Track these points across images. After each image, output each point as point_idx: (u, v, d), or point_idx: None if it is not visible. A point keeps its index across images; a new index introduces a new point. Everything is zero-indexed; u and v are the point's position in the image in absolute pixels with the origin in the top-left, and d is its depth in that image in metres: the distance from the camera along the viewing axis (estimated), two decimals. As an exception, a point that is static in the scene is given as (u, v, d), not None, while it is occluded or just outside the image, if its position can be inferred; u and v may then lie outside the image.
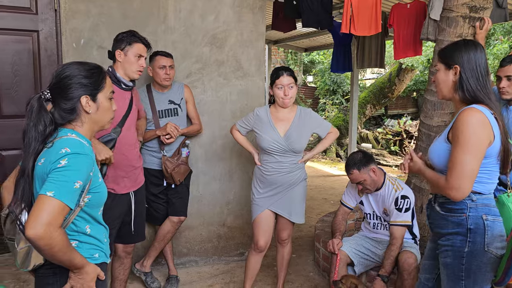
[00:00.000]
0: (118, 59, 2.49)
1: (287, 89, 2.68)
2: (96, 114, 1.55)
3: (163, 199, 3.20)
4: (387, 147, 10.05)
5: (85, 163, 1.42)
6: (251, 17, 3.61)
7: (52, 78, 1.51)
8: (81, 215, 1.50)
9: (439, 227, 1.85)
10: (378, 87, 9.90)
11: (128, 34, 2.50)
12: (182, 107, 3.19)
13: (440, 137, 1.83)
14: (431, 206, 1.92)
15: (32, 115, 1.44)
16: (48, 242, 1.29)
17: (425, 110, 3.35)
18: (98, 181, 1.52)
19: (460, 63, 1.77)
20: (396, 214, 2.73)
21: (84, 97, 1.50)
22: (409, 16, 4.93)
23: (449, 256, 1.79)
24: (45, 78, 3.13)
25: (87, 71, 1.53)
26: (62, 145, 1.41)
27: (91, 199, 1.49)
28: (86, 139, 1.53)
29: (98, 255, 1.58)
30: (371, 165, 2.80)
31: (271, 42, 10.02)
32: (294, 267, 3.64)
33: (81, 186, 1.40)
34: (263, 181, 2.82)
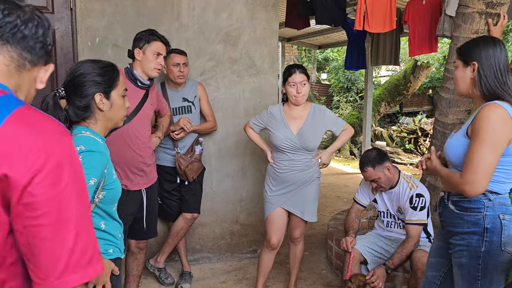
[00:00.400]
0: (137, 58, 2.52)
1: (299, 86, 2.68)
2: (110, 111, 1.57)
3: (176, 196, 3.23)
4: (401, 145, 9.96)
5: (99, 161, 1.45)
6: (264, 15, 3.61)
7: (67, 76, 1.54)
8: (96, 211, 1.53)
9: (453, 225, 1.81)
10: (392, 85, 9.80)
11: (147, 33, 2.54)
12: (195, 105, 3.21)
13: (459, 132, 1.81)
14: (443, 204, 1.88)
15: (47, 112, 1.44)
16: None
17: (440, 108, 3.32)
18: (113, 178, 1.55)
19: (478, 59, 1.75)
20: (411, 213, 2.71)
21: (98, 94, 1.53)
22: (425, 13, 4.86)
23: (465, 256, 1.76)
24: (61, 76, 3.17)
25: (101, 69, 1.55)
26: (76, 143, 1.43)
27: (105, 195, 1.52)
28: (101, 137, 1.55)
29: (113, 251, 1.61)
30: (386, 162, 2.77)
31: (284, 39, 10.00)
32: (306, 265, 3.64)
33: (96, 183, 1.43)
34: (276, 179, 2.83)
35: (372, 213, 3.86)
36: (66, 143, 0.85)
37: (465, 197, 1.74)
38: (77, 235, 0.81)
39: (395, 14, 4.42)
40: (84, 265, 0.82)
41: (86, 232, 0.83)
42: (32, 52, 0.94)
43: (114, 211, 1.62)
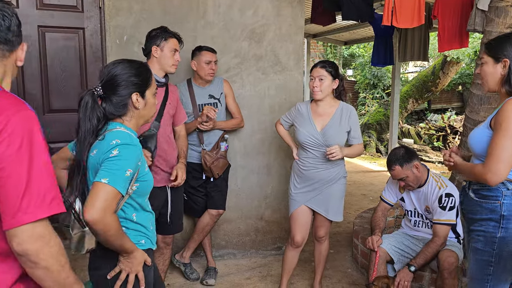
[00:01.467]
0: (155, 55, 2.55)
1: (316, 80, 2.67)
2: (144, 109, 1.65)
3: (202, 192, 3.25)
4: (430, 143, 9.75)
5: (134, 153, 1.51)
6: (290, 11, 3.59)
7: (103, 75, 1.60)
8: (129, 202, 1.59)
9: (472, 213, 1.89)
10: (421, 81, 9.60)
11: (162, 30, 2.56)
12: (221, 102, 3.23)
13: (483, 124, 1.86)
14: (465, 192, 1.95)
15: (87, 110, 1.52)
16: (103, 226, 1.39)
17: (471, 105, 3.22)
18: (145, 171, 1.61)
19: (509, 56, 1.76)
20: (439, 212, 2.65)
21: (135, 94, 1.60)
22: (455, 7, 4.73)
23: (481, 241, 1.83)
24: (90, 74, 3.25)
25: (136, 69, 1.62)
26: (112, 137, 1.50)
27: (138, 187, 1.57)
28: (133, 132, 1.62)
29: (144, 242, 1.65)
30: (414, 161, 2.71)
31: (310, 35, 9.92)
32: (331, 263, 3.62)
33: (131, 174, 1.48)
34: (300, 176, 2.82)
35: (398, 212, 3.80)
36: (22, 116, 1.05)
37: (484, 185, 1.81)
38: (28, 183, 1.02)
39: (424, 8, 4.30)
40: (38, 205, 1.03)
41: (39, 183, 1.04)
42: (8, 43, 1.15)
43: (146, 202, 1.68)
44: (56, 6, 3.08)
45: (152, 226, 1.72)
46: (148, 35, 2.60)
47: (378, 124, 9.61)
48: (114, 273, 1.55)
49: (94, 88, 1.57)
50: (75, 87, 3.21)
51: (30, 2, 3.00)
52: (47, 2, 3.05)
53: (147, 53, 2.59)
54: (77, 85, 3.22)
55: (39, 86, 3.10)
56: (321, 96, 2.70)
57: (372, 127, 9.66)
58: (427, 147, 9.21)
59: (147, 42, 2.58)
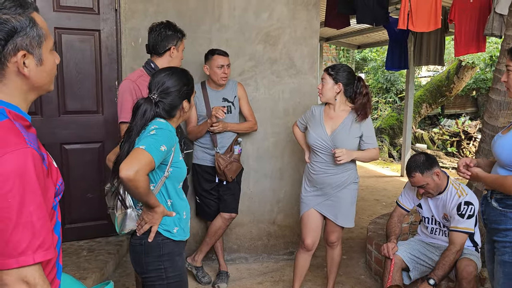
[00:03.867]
0: (171, 55, 2.51)
1: (320, 84, 2.69)
2: (189, 112, 1.89)
3: (215, 196, 3.24)
4: (443, 148, 9.63)
5: (168, 135, 1.72)
6: (305, 14, 3.57)
7: (158, 84, 1.80)
8: (163, 190, 1.77)
9: (496, 223, 1.83)
10: (435, 85, 9.49)
11: (172, 28, 2.50)
12: (235, 105, 3.21)
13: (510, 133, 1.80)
14: (486, 201, 1.90)
15: (144, 115, 1.75)
16: (135, 184, 1.58)
17: (490, 110, 3.16)
18: (179, 159, 1.81)
19: None
20: (457, 220, 2.59)
21: (185, 101, 1.84)
22: (472, 11, 4.67)
23: (508, 253, 1.77)
24: (105, 76, 3.27)
25: (187, 79, 1.85)
26: (152, 124, 1.75)
27: (172, 172, 1.77)
28: (172, 126, 1.82)
29: (177, 231, 1.81)
30: (435, 168, 2.65)
31: (323, 39, 9.87)
32: (344, 269, 3.57)
33: (165, 151, 1.67)
34: (310, 180, 2.80)
35: (413, 218, 3.74)
36: (15, 156, 0.97)
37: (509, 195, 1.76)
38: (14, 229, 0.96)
39: (441, 12, 4.25)
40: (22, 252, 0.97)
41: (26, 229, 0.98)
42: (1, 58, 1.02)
43: (180, 190, 1.86)
44: (73, 8, 3.10)
45: (186, 215, 1.88)
46: (158, 32, 2.47)
47: (391, 128, 9.53)
48: (140, 227, 1.77)
49: (151, 96, 1.78)
50: (90, 88, 3.22)
51: (47, 4, 3.03)
52: (63, 4, 3.08)
53: (163, 52, 2.50)
54: (92, 87, 3.24)
55: (55, 88, 3.11)
56: (323, 99, 2.70)
57: (384, 132, 9.57)
58: (441, 153, 9.10)
59: (163, 40, 2.47)
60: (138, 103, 1.78)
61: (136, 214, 1.80)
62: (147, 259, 1.79)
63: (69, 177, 3.20)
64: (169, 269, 1.80)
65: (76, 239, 3.27)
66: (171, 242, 1.80)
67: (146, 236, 1.78)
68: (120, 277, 3.12)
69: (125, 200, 1.80)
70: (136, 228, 1.80)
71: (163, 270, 1.79)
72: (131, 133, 1.75)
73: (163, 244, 1.79)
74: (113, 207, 1.86)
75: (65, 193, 3.20)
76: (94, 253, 3.08)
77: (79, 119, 3.19)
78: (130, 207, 1.81)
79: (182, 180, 1.87)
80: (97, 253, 3.09)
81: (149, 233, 1.77)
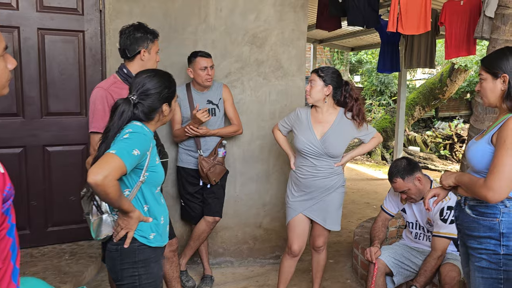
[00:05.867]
0: (142, 59, 2.35)
1: (308, 85, 2.64)
2: (168, 116, 1.86)
3: (199, 199, 3.20)
4: (436, 151, 9.63)
5: (143, 140, 1.68)
6: (292, 16, 3.54)
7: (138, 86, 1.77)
8: (139, 195, 1.74)
9: (469, 229, 1.85)
10: (428, 88, 9.49)
11: (145, 30, 2.34)
12: (220, 107, 3.18)
13: (483, 139, 1.82)
14: (460, 208, 1.91)
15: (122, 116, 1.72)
16: (103, 189, 1.54)
17: (476, 114, 3.15)
18: (156, 163, 1.78)
19: (508, 71, 1.75)
20: (440, 225, 2.57)
21: (165, 105, 1.81)
22: (463, 13, 4.66)
23: (484, 259, 1.79)
24: (89, 77, 3.23)
25: (168, 82, 1.82)
26: (127, 127, 1.71)
27: (148, 176, 1.74)
28: (149, 130, 1.79)
29: (153, 237, 1.77)
30: (416, 173, 2.64)
31: (316, 41, 9.87)
32: (331, 273, 3.54)
33: (138, 156, 1.64)
34: (298, 184, 2.76)
35: (401, 222, 3.71)
36: None
37: (482, 202, 1.78)
38: None
39: (430, 15, 4.24)
40: None
41: None
42: None
43: (158, 194, 1.84)
44: (56, 9, 3.07)
45: (164, 221, 1.85)
46: (128, 34, 2.31)
47: (384, 131, 9.52)
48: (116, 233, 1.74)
49: (130, 97, 1.75)
50: (73, 90, 3.18)
51: (30, 4, 2.99)
52: (47, 5, 3.04)
53: (133, 56, 2.33)
54: (75, 88, 3.20)
55: (37, 89, 3.08)
56: (311, 100, 2.65)
57: (378, 134, 9.56)
58: (434, 156, 9.10)
59: (130, 42, 2.31)
60: (117, 103, 1.75)
61: (112, 220, 1.76)
62: (122, 265, 1.75)
63: (51, 180, 3.16)
64: (144, 276, 1.76)
65: (58, 242, 3.22)
66: (147, 248, 1.77)
67: (122, 242, 1.74)
68: (101, 281, 3.07)
69: (100, 206, 1.76)
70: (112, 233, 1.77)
71: (137, 277, 1.75)
72: (108, 134, 1.72)
73: (139, 250, 1.76)
74: (88, 212, 1.82)
75: (48, 196, 3.16)
76: (76, 256, 3.04)
77: (62, 120, 3.15)
78: (106, 212, 1.77)
79: (159, 184, 1.84)
80: (79, 256, 3.04)
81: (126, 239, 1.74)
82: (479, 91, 1.88)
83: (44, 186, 3.14)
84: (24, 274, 2.73)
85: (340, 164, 2.73)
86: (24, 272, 2.76)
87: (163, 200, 1.90)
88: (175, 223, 3.47)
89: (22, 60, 3.00)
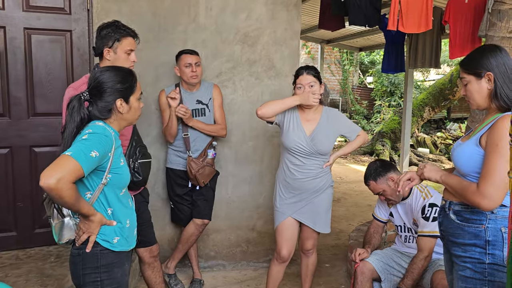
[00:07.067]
0: (107, 58, 2.26)
1: (307, 88, 2.54)
2: (128, 113, 1.75)
3: (188, 201, 3.14)
4: (446, 153, 9.41)
5: (103, 141, 1.60)
6: (285, 15, 3.46)
7: (90, 81, 1.72)
8: (101, 197, 1.68)
9: (454, 236, 1.74)
10: (437, 89, 9.29)
11: (114, 28, 2.25)
12: (210, 108, 3.11)
13: (470, 141, 1.70)
14: (444, 213, 1.79)
15: (73, 113, 1.65)
16: (58, 193, 1.47)
17: (473, 115, 3.03)
18: (120, 164, 1.71)
19: (491, 69, 1.66)
20: (423, 224, 2.48)
21: (119, 100, 1.71)
22: (467, 11, 4.51)
23: (468, 268, 1.69)
24: (77, 77, 3.17)
25: (122, 77, 1.72)
26: (87, 128, 1.64)
27: (111, 178, 1.67)
28: (113, 129, 1.72)
29: (117, 241, 1.71)
30: (389, 173, 2.60)
31: (323, 41, 9.77)
32: (326, 278, 3.45)
33: (97, 157, 1.56)
34: (286, 186, 2.69)
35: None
36: None
37: (467, 207, 1.68)
38: None
39: (432, 13, 4.11)
40: None
41: None
42: None
43: (124, 197, 1.76)
44: (43, 8, 3.03)
45: (130, 224, 1.79)
46: (98, 32, 2.27)
47: (392, 132, 9.35)
48: (78, 237, 1.68)
49: (81, 93, 1.69)
50: (61, 90, 3.12)
51: (16, 3, 2.96)
52: (33, 4, 3.00)
53: (99, 54, 2.30)
54: (63, 89, 3.11)
55: (24, 89, 3.05)
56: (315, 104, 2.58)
57: (386, 136, 9.39)
58: (443, 157, 8.90)
59: (98, 41, 2.27)
60: (70, 101, 1.68)
61: (74, 223, 1.70)
62: (84, 270, 1.69)
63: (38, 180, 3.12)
64: (106, 282, 1.70)
65: (46, 244, 3.18)
66: (110, 252, 1.71)
67: (84, 246, 1.68)
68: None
69: (61, 209, 1.71)
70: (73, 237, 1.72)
71: (99, 282, 1.69)
72: (64, 133, 1.66)
73: (101, 254, 1.69)
74: (50, 215, 1.75)
75: (34, 197, 3.13)
76: (62, 259, 2.99)
77: (49, 121, 3.11)
78: (67, 215, 1.71)
79: (124, 186, 1.77)
80: (65, 259, 3.00)
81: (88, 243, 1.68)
82: (465, 95, 1.78)
83: (31, 187, 3.11)
84: (7, 276, 2.70)
85: (328, 164, 2.66)
86: (7, 274, 2.73)
87: (131, 203, 1.84)
88: (165, 226, 3.43)
89: (8, 60, 2.98)
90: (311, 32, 8.59)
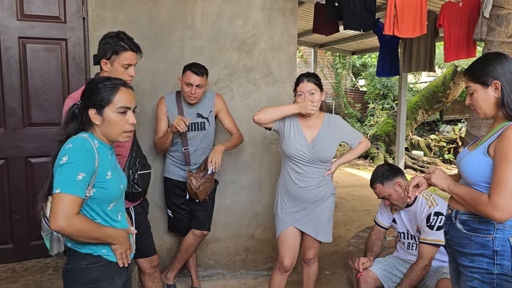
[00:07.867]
0: (104, 69, 2.23)
1: (307, 96, 2.51)
2: (103, 126, 1.65)
3: (186, 210, 3.10)
4: (440, 155, 9.46)
5: (84, 157, 1.54)
6: (282, 21, 3.45)
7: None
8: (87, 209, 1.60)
9: (460, 246, 1.72)
10: (431, 91, 9.34)
11: (115, 40, 2.19)
12: (210, 121, 3.02)
13: (477, 150, 1.68)
14: (450, 222, 1.77)
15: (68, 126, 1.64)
16: (70, 230, 1.48)
17: (472, 119, 3.03)
18: (106, 178, 1.62)
19: (498, 77, 1.64)
20: (427, 232, 2.46)
21: (91, 110, 1.64)
22: (462, 15, 4.55)
23: (476, 278, 1.66)
24: (73, 86, 3.14)
25: (100, 87, 1.65)
26: (68, 142, 1.57)
27: (96, 193, 1.59)
28: (99, 141, 1.65)
29: (107, 251, 1.66)
30: (397, 178, 2.57)
31: (316, 45, 9.78)
32: (326, 286, 3.42)
33: (85, 177, 1.52)
34: (288, 195, 2.66)
35: (398, 231, 3.59)
36: None
37: (475, 216, 1.66)
38: None
39: (426, 18, 4.13)
40: None
41: None
42: None
43: (112, 211, 1.68)
44: (38, 17, 2.99)
45: None
46: (100, 42, 2.24)
47: (386, 135, 9.37)
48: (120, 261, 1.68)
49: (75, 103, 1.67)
50: (56, 100, 3.10)
51: (10, 12, 2.92)
52: (28, 13, 2.96)
53: (97, 64, 2.25)
54: (59, 98, 3.11)
55: (19, 99, 3.00)
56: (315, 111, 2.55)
57: (380, 139, 9.42)
58: (437, 160, 8.93)
59: (98, 50, 2.24)
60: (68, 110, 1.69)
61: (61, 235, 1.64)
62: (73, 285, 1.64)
63: (34, 192, 3.07)
64: None
65: (43, 256, 3.12)
66: (96, 268, 1.63)
67: (72, 260, 1.62)
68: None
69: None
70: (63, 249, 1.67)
71: None
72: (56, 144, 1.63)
73: (88, 269, 1.62)
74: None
75: (31, 209, 3.07)
76: (59, 271, 2.94)
77: (45, 131, 3.07)
78: None
79: (111, 201, 1.67)
80: (62, 271, 2.95)
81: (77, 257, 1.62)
82: (471, 104, 1.75)
83: (27, 198, 3.05)
84: (2, 290, 2.65)
85: (330, 172, 2.64)
86: (3, 288, 2.67)
87: (120, 217, 1.74)
88: (163, 235, 3.38)
89: (3, 69, 2.93)
90: (304, 36, 8.60)
